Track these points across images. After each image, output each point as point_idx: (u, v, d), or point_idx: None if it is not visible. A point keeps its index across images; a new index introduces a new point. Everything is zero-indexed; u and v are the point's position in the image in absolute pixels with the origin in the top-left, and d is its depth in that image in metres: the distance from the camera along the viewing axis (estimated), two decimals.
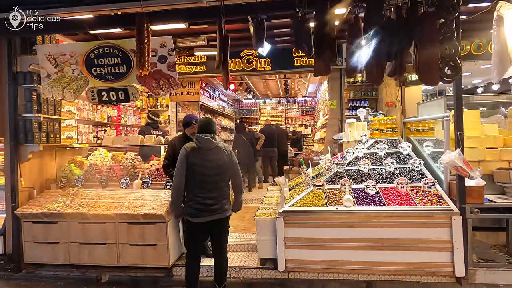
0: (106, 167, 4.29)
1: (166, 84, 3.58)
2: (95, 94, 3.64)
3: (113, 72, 3.62)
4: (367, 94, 6.84)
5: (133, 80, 3.63)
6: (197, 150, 2.78)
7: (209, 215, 2.76)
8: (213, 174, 2.76)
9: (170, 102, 7.55)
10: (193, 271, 2.89)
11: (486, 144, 3.50)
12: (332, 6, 2.80)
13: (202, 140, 2.78)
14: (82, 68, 3.64)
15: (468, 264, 3.02)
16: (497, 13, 2.88)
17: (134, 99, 3.69)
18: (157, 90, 3.59)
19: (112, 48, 3.65)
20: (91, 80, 3.64)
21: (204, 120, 2.92)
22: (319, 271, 3.25)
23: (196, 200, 2.75)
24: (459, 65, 2.64)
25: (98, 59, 3.64)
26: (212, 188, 2.76)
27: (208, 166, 2.75)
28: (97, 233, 3.59)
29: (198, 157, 2.75)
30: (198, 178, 2.74)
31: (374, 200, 3.31)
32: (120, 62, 3.62)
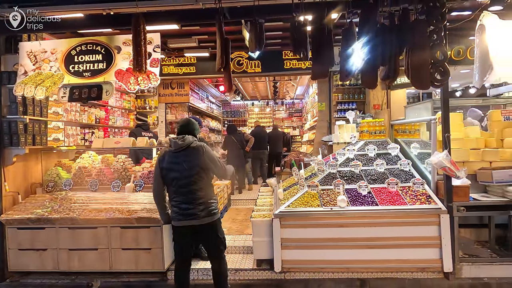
0: (96, 170, 4.17)
1: (145, 80, 3.49)
2: (67, 91, 3.48)
3: (91, 69, 3.50)
4: (355, 96, 7.04)
5: (111, 77, 3.51)
6: (168, 153, 2.75)
7: (185, 219, 2.70)
8: (183, 177, 2.67)
9: (159, 103, 7.44)
10: (179, 275, 2.87)
11: (469, 146, 3.69)
12: (329, 11, 2.88)
13: (172, 143, 2.74)
14: (61, 65, 3.51)
15: (455, 260, 3.17)
16: (480, 22, 3.05)
17: (108, 97, 3.54)
18: (133, 86, 3.47)
19: (96, 44, 3.55)
20: (67, 76, 3.49)
21: (181, 121, 2.90)
22: (314, 270, 3.31)
23: (173, 203, 2.76)
24: (448, 70, 2.78)
25: (79, 56, 3.52)
26: (184, 192, 2.69)
27: (177, 169, 2.68)
28: (88, 238, 3.49)
29: (169, 160, 2.72)
30: (171, 182, 2.72)
31: (366, 200, 3.41)
32: (101, 59, 3.51)
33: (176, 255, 2.93)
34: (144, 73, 3.06)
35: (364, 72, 2.87)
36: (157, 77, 3.42)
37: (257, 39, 2.92)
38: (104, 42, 3.47)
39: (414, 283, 3.19)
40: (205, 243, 2.90)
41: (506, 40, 2.91)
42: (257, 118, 14.13)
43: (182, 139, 2.71)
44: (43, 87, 3.37)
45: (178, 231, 2.79)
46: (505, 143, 3.72)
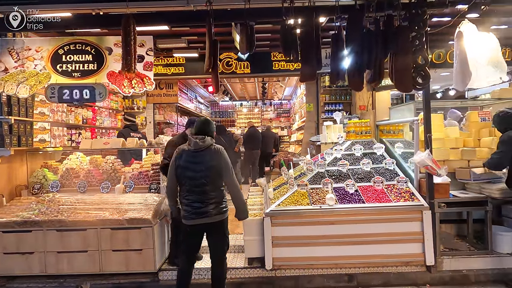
0: (84, 171, 4.11)
1: (139, 83, 3.50)
2: (56, 91, 3.42)
3: (81, 70, 3.45)
4: (342, 98, 7.22)
5: (103, 78, 3.49)
6: (186, 152, 2.78)
7: (197, 217, 2.74)
8: (199, 177, 2.71)
9: (147, 103, 7.37)
10: (184, 273, 2.90)
11: (449, 145, 3.89)
12: (317, 15, 2.98)
13: (191, 142, 2.77)
14: (47, 64, 3.44)
15: (436, 254, 3.34)
16: (458, 29, 3.23)
17: (101, 99, 3.52)
18: (127, 89, 3.48)
19: (85, 45, 3.51)
20: (54, 76, 3.42)
21: (200, 121, 2.90)
22: (304, 267, 3.40)
23: (185, 202, 2.78)
24: (429, 74, 2.94)
25: (67, 55, 3.47)
26: (198, 191, 2.73)
27: (194, 168, 2.72)
28: (77, 240, 3.44)
29: (186, 159, 2.75)
30: (185, 180, 2.75)
31: (354, 198, 3.54)
32: (91, 60, 3.48)
33: (183, 253, 2.93)
34: (133, 73, 3.06)
35: (351, 74, 2.99)
36: (151, 81, 3.44)
37: (248, 41, 2.99)
38: (94, 42, 3.44)
39: (399, 277, 3.34)
40: (212, 241, 2.90)
41: (482, 47, 3.09)
42: (245, 119, 14.21)
43: (203, 140, 2.74)
44: (27, 85, 3.28)
45: (188, 230, 2.82)
46: (481, 143, 3.95)
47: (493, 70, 2.99)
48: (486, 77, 3.05)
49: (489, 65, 3.02)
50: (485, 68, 3.01)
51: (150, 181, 3.97)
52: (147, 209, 3.49)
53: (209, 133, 2.81)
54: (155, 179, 3.99)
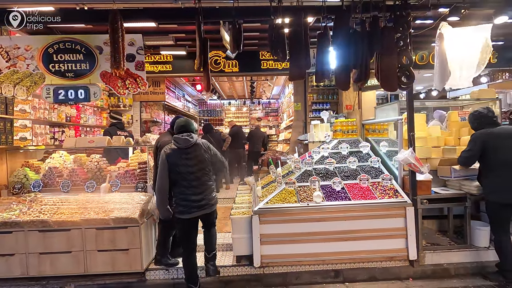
0: (68, 170, 4.01)
1: (133, 84, 3.50)
2: (51, 92, 3.40)
3: (73, 69, 3.43)
4: (329, 97, 7.33)
5: (96, 79, 3.46)
6: (176, 150, 2.92)
7: (198, 210, 2.95)
8: (195, 171, 2.93)
9: (134, 101, 7.24)
10: (192, 263, 3.07)
11: (431, 144, 4.03)
12: (305, 15, 3.01)
13: (179, 140, 2.92)
14: (39, 63, 3.37)
15: (419, 249, 3.45)
16: (439, 31, 3.35)
17: (96, 99, 3.52)
18: (122, 90, 3.48)
19: (75, 43, 3.44)
20: (48, 76, 3.39)
21: (181, 121, 3.08)
22: (292, 264, 3.44)
23: (183, 197, 2.92)
24: (413, 74, 3.04)
25: (57, 55, 3.41)
26: (197, 184, 2.94)
27: (189, 164, 2.91)
28: (60, 241, 3.35)
29: (179, 156, 2.89)
30: (183, 176, 2.89)
31: (340, 195, 3.61)
32: (82, 59, 3.44)
33: (185, 245, 3.06)
34: (122, 70, 3.02)
35: (338, 74, 3.04)
36: (144, 82, 3.44)
37: (236, 39, 2.99)
38: (83, 41, 3.38)
39: (383, 271, 3.43)
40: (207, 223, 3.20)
41: (461, 48, 3.22)
42: (233, 118, 14.18)
43: (190, 136, 2.92)
44: (23, 86, 3.25)
45: (189, 224, 2.97)
46: (461, 141, 4.10)
47: (471, 71, 3.12)
48: (463, 78, 3.18)
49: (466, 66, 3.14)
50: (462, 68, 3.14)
51: (136, 180, 3.91)
52: (133, 208, 3.44)
53: (193, 130, 3.00)
54: (142, 178, 3.93)
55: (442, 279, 3.37)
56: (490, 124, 3.27)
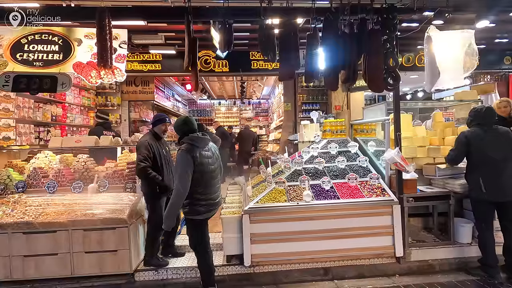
0: (54, 171, 3.92)
1: (109, 74, 3.39)
2: (10, 80, 3.22)
3: (44, 59, 3.29)
4: (318, 98, 7.41)
5: (68, 69, 3.34)
6: (198, 150, 2.79)
7: (215, 209, 2.98)
8: (213, 170, 2.94)
9: (122, 101, 7.13)
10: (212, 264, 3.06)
11: (417, 143, 4.13)
12: (295, 16, 3.05)
13: (199, 140, 2.83)
14: (6, 52, 3.23)
15: (405, 246, 3.54)
16: (427, 34, 3.45)
17: (64, 89, 3.37)
18: (95, 80, 3.36)
19: (52, 35, 3.34)
20: (11, 64, 3.23)
21: (190, 119, 2.96)
22: (282, 262, 3.47)
23: (202, 198, 2.82)
24: (399, 75, 3.12)
25: (30, 45, 3.29)
26: (215, 183, 2.97)
27: (211, 163, 2.91)
28: (46, 243, 3.28)
29: (202, 156, 2.81)
30: (206, 176, 2.83)
31: (329, 194, 3.66)
32: (57, 50, 3.32)
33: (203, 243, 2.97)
34: (110, 68, 2.97)
35: (326, 75, 3.09)
36: (122, 73, 3.35)
37: (226, 39, 3.00)
38: (61, 33, 3.29)
39: (371, 269, 3.50)
40: None
41: (449, 51, 3.32)
42: (223, 118, 14.16)
43: (205, 135, 2.92)
44: None
45: (205, 223, 2.98)
46: (446, 141, 4.22)
47: (458, 72, 3.23)
48: (451, 79, 3.28)
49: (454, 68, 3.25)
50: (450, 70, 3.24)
51: (125, 180, 3.86)
52: (122, 209, 3.39)
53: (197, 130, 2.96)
54: (131, 178, 3.88)
55: (427, 274, 3.46)
56: (483, 123, 3.30)
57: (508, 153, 3.26)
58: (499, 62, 7.12)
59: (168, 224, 2.81)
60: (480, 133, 3.29)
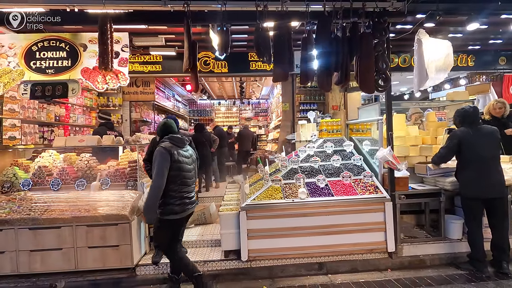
0: (58, 169, 4.05)
1: (113, 79, 3.57)
2: (28, 88, 3.43)
3: (54, 66, 3.49)
4: (316, 98, 7.53)
5: (77, 75, 3.51)
6: (176, 149, 2.92)
7: (191, 207, 3.04)
8: (190, 170, 3.02)
9: (123, 101, 7.26)
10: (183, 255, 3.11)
11: (410, 142, 4.25)
12: (290, 20, 3.17)
13: (178, 139, 2.98)
14: (21, 60, 3.43)
15: (397, 241, 3.66)
16: (417, 36, 3.58)
17: (74, 95, 3.56)
18: (101, 85, 3.55)
19: (60, 41, 3.51)
20: (28, 73, 3.43)
21: (170, 122, 3.09)
22: (278, 257, 3.59)
23: (178, 196, 2.90)
24: (389, 77, 3.24)
25: (41, 52, 3.48)
26: (190, 183, 3.04)
27: (188, 163, 3.00)
28: (51, 238, 3.42)
29: (180, 155, 2.92)
30: (182, 175, 2.91)
31: (324, 192, 3.79)
32: (65, 56, 3.51)
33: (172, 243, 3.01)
34: (111, 71, 3.11)
35: (320, 76, 3.22)
36: (126, 77, 3.49)
37: (224, 43, 3.12)
38: (68, 39, 3.44)
39: (364, 263, 3.63)
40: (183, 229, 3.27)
41: (437, 53, 3.45)
42: (224, 117, 14.30)
43: (184, 136, 3.04)
44: (0, 83, 3.25)
45: (180, 222, 3.01)
46: (438, 140, 4.34)
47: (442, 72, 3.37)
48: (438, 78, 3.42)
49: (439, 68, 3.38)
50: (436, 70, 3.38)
51: (127, 178, 3.99)
52: (124, 206, 3.52)
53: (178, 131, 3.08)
54: (132, 176, 4.02)
55: (418, 269, 3.58)
56: (472, 122, 3.42)
57: (495, 152, 3.39)
58: (494, 62, 7.23)
59: (149, 218, 2.87)
60: (470, 132, 3.40)
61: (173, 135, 2.97)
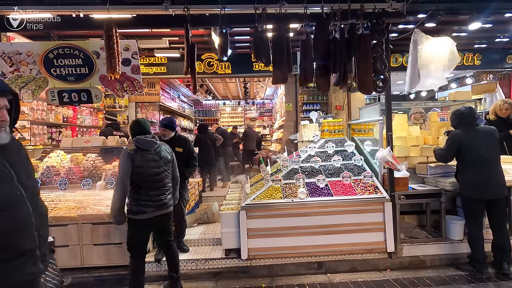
0: (65, 169, 4.19)
1: (130, 87, 3.71)
2: (56, 95, 3.62)
3: (74, 73, 3.65)
4: (319, 98, 7.54)
5: (96, 82, 3.68)
6: (139, 152, 2.81)
7: (157, 210, 2.87)
8: (157, 173, 2.87)
9: (129, 102, 7.42)
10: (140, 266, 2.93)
11: (411, 143, 4.24)
12: (288, 22, 3.22)
13: (144, 142, 2.84)
14: (41, 68, 3.58)
15: (397, 241, 3.67)
16: (413, 38, 3.58)
17: (98, 101, 3.75)
18: (121, 93, 3.71)
19: (73, 49, 3.65)
20: (51, 80, 3.62)
21: (141, 121, 2.95)
22: (278, 256, 3.65)
23: (144, 199, 2.82)
24: (388, 78, 3.25)
25: (57, 60, 3.62)
26: (159, 185, 2.89)
27: (154, 166, 2.85)
28: (58, 235, 3.54)
29: (143, 159, 2.80)
30: (147, 178, 2.81)
31: (323, 192, 3.82)
32: (81, 64, 3.65)
33: (136, 248, 2.90)
34: (118, 74, 3.22)
35: (318, 78, 3.25)
36: (141, 84, 3.64)
37: (223, 46, 3.19)
38: (80, 46, 3.58)
39: (363, 263, 3.65)
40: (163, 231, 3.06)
41: (431, 55, 3.44)
42: (229, 118, 14.41)
43: (155, 138, 2.92)
44: (28, 90, 3.44)
45: (145, 224, 2.85)
46: (440, 141, 4.32)
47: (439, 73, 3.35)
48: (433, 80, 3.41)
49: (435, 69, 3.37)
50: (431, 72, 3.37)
51: None
52: None
53: (150, 132, 2.93)
54: None
55: (418, 269, 3.59)
56: (468, 124, 3.41)
57: (495, 153, 3.36)
58: (501, 61, 7.10)
59: (116, 221, 2.86)
60: (469, 133, 3.39)
61: (139, 137, 2.83)
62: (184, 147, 3.93)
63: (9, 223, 1.28)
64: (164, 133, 3.82)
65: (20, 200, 1.34)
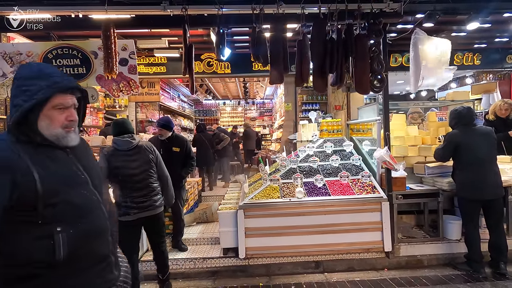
0: None
1: (127, 87, 3.73)
2: None
3: (72, 74, 3.66)
4: (318, 98, 7.55)
5: (93, 82, 3.69)
6: (117, 153, 2.75)
7: (139, 212, 2.77)
8: (139, 173, 2.77)
9: (129, 102, 7.44)
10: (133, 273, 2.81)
11: (409, 142, 4.25)
12: (285, 23, 3.23)
13: (120, 142, 2.76)
14: None
15: (394, 241, 3.68)
16: (413, 37, 3.59)
17: (94, 101, 3.77)
18: (117, 93, 3.72)
19: (72, 49, 3.68)
20: None
21: (118, 122, 2.88)
22: (275, 255, 3.66)
23: (127, 200, 2.75)
24: (385, 78, 3.26)
25: (56, 60, 3.65)
26: (140, 187, 2.79)
27: (132, 166, 2.75)
28: None
29: (121, 159, 2.73)
30: (124, 179, 2.74)
31: (321, 192, 3.83)
32: (79, 64, 3.67)
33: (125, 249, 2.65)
34: (115, 74, 3.24)
35: (315, 78, 3.26)
36: (137, 84, 3.66)
37: (220, 47, 3.21)
38: (79, 46, 3.61)
39: (361, 262, 3.66)
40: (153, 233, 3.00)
41: (432, 55, 3.45)
42: (229, 117, 14.44)
43: (132, 138, 2.79)
44: None
45: (130, 226, 2.74)
46: (438, 140, 4.33)
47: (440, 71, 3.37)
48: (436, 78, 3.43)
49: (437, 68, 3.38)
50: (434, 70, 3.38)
51: None
52: None
53: (131, 131, 2.84)
54: None
55: (415, 269, 3.60)
56: (466, 123, 3.41)
57: (492, 153, 3.37)
58: (501, 60, 7.08)
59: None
60: (466, 133, 3.39)
61: (117, 138, 2.76)
62: (182, 147, 3.95)
63: (88, 230, 1.23)
64: (161, 133, 3.84)
65: (96, 205, 1.28)
